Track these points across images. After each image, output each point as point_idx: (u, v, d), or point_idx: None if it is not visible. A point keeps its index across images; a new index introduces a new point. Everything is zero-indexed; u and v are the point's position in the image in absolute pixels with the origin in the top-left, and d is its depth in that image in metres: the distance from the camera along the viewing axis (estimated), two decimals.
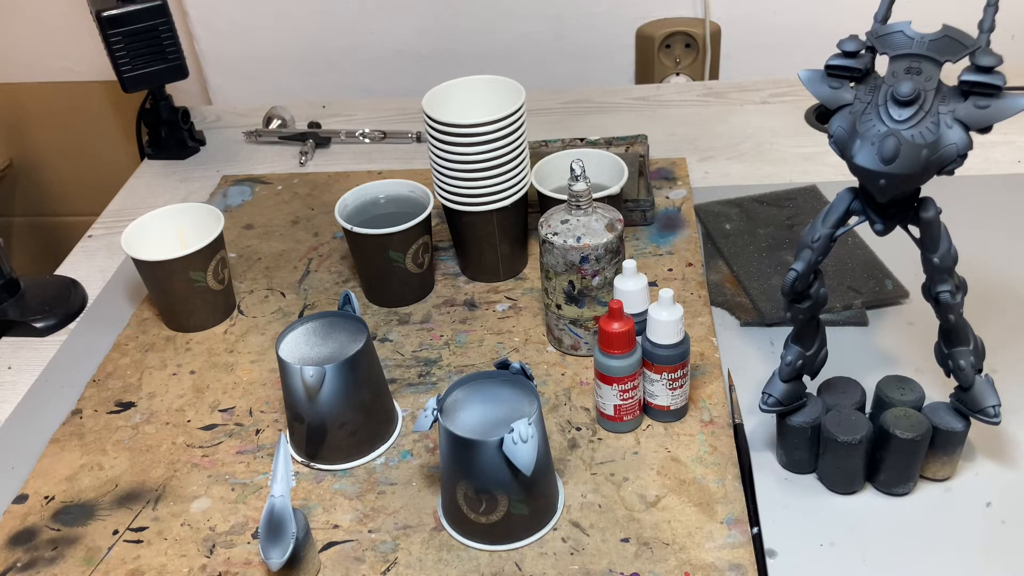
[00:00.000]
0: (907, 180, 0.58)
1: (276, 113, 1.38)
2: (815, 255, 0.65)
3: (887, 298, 0.94)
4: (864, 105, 0.59)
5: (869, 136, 0.58)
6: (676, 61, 1.47)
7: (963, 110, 0.57)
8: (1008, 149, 1.18)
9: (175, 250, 0.95)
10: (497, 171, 0.95)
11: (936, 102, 0.57)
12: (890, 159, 0.57)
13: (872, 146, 0.57)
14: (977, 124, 0.57)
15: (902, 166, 0.57)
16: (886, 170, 0.57)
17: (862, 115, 0.59)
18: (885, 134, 0.57)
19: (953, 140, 0.57)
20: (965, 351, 0.68)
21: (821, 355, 0.73)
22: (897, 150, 0.57)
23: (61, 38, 1.57)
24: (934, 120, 0.57)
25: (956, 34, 0.58)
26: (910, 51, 0.58)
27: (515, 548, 0.74)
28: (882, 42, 0.59)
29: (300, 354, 0.81)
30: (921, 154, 0.56)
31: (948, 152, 0.57)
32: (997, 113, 0.56)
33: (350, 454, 0.82)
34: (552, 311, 0.90)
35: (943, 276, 0.64)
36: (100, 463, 0.85)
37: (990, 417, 0.67)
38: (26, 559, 0.77)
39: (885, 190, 0.59)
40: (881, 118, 0.57)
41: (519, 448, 0.68)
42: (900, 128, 0.57)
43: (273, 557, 0.68)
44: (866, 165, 0.58)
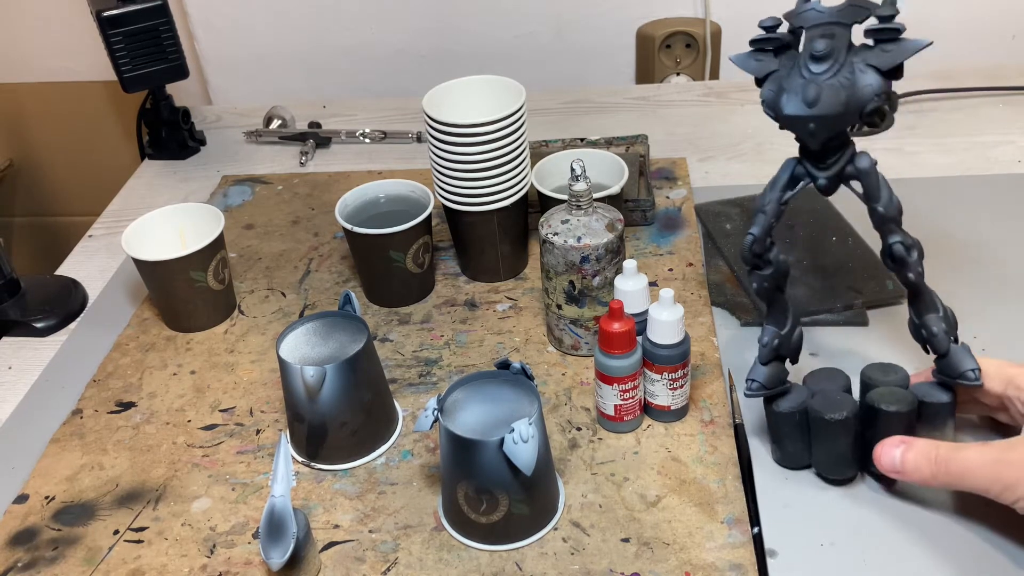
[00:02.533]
0: (833, 121, 0.64)
1: (276, 113, 1.38)
2: (768, 218, 0.70)
3: (888, 298, 0.94)
4: (788, 70, 0.66)
5: (793, 88, 0.65)
6: (676, 61, 1.46)
7: (872, 56, 0.63)
8: (1008, 149, 1.18)
9: (175, 250, 0.95)
10: (497, 171, 0.95)
11: (849, 56, 0.64)
12: (813, 101, 0.63)
13: (796, 95, 0.64)
14: (886, 64, 0.63)
15: (825, 107, 0.63)
16: (811, 112, 0.64)
17: (786, 77, 0.65)
18: (806, 83, 0.64)
19: (868, 82, 0.63)
20: (935, 317, 0.70)
21: (796, 335, 0.75)
22: (819, 94, 0.63)
23: (61, 38, 1.57)
24: (849, 70, 0.63)
25: (860, 1, 0.64)
26: (822, 20, 0.64)
27: (515, 548, 0.74)
28: (798, 19, 0.66)
29: (300, 354, 0.81)
30: (840, 95, 0.63)
31: (865, 92, 0.63)
32: (901, 52, 0.63)
33: (350, 454, 0.82)
34: (552, 311, 0.90)
35: (891, 226, 0.68)
36: (100, 463, 0.85)
37: (970, 380, 0.68)
38: (27, 559, 0.77)
39: (815, 133, 0.65)
40: (802, 74, 0.64)
41: (519, 448, 0.68)
42: (819, 79, 0.64)
43: (274, 557, 0.68)
44: (794, 112, 0.64)
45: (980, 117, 1.25)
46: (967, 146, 1.19)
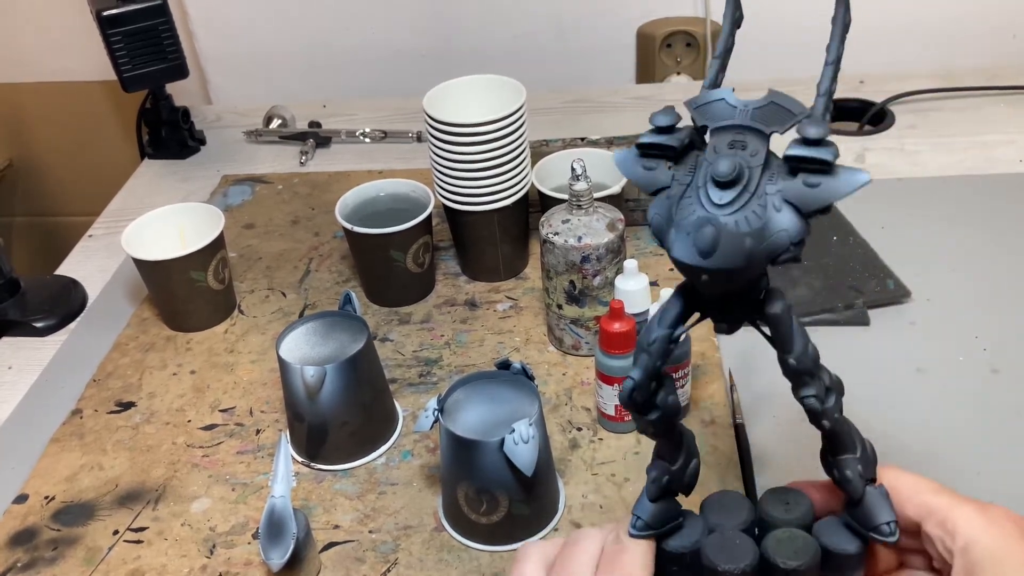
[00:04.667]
0: (732, 275, 0.49)
1: (276, 112, 1.37)
2: (653, 360, 0.56)
3: (889, 298, 0.94)
4: (683, 188, 0.50)
5: (685, 225, 0.49)
6: (677, 60, 1.46)
7: (792, 190, 0.48)
8: (1009, 148, 1.17)
9: (175, 250, 0.95)
10: (498, 171, 0.95)
11: (763, 181, 0.48)
12: (708, 251, 0.48)
13: (688, 236, 0.48)
14: (808, 206, 0.48)
15: (723, 259, 0.48)
16: (705, 264, 0.48)
17: (680, 200, 0.49)
18: (701, 222, 0.48)
19: (783, 226, 0.47)
20: (851, 459, 0.59)
21: (691, 468, 0.62)
22: (716, 240, 0.48)
23: (61, 38, 1.57)
24: (761, 203, 0.48)
25: (784, 100, 0.49)
26: (732, 122, 0.49)
27: (516, 548, 0.73)
28: (701, 112, 0.50)
29: (300, 354, 0.81)
30: (744, 244, 0.47)
31: (778, 240, 0.48)
32: (829, 192, 0.47)
33: (351, 454, 0.82)
34: (553, 311, 0.90)
35: (803, 379, 0.55)
36: (100, 463, 0.85)
37: (885, 536, 0.56)
38: (26, 559, 0.77)
39: (709, 286, 0.50)
40: (701, 202, 0.48)
41: (520, 448, 0.68)
42: (720, 214, 0.48)
43: (273, 557, 0.68)
44: (683, 259, 0.49)
45: (981, 117, 1.25)
46: (968, 146, 1.19)
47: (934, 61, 1.38)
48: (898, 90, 1.29)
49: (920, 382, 0.86)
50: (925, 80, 1.31)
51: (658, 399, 0.58)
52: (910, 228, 1.04)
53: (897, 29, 1.40)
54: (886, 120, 1.26)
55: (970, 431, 0.80)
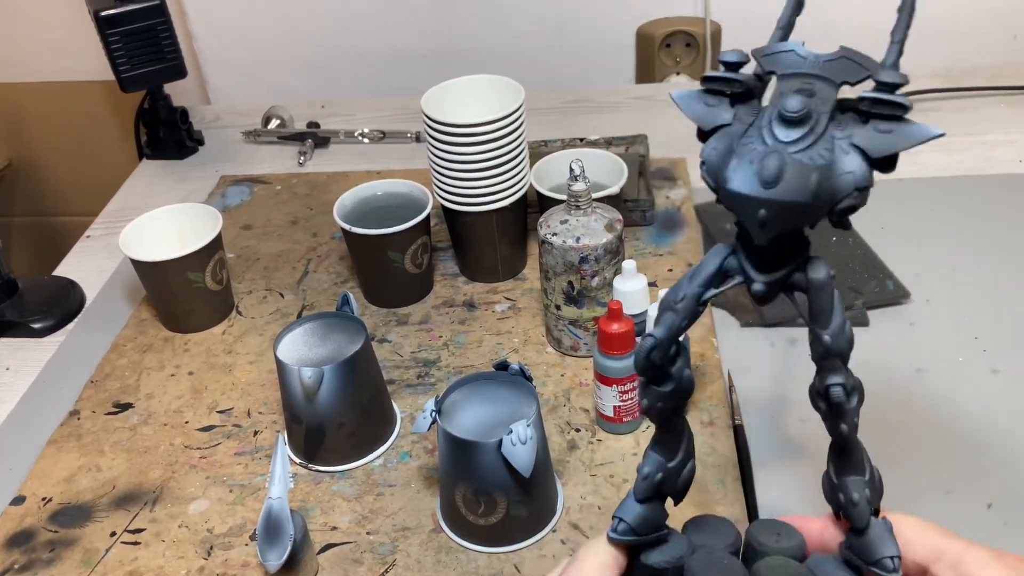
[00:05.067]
0: (794, 213, 0.47)
1: (275, 113, 1.37)
2: (679, 318, 0.52)
3: (888, 298, 0.94)
4: (744, 127, 0.48)
5: (747, 155, 0.47)
6: (677, 60, 1.46)
7: (862, 135, 0.47)
8: (1010, 148, 1.17)
9: (173, 250, 0.95)
10: (496, 171, 0.95)
11: (831, 127, 0.47)
12: (773, 180, 0.46)
13: (751, 165, 0.46)
14: (878, 150, 0.46)
15: (788, 190, 0.46)
16: (767, 195, 0.46)
17: (741, 137, 0.48)
18: (767, 151, 0.46)
19: (850, 168, 0.46)
20: (859, 481, 0.54)
21: (687, 469, 0.58)
22: (781, 169, 0.46)
23: (59, 38, 1.57)
24: (827, 145, 0.46)
25: (857, 56, 0.49)
26: (802, 70, 0.48)
27: (514, 550, 0.73)
28: (769, 61, 0.49)
29: (298, 355, 0.81)
30: (811, 177, 0.46)
31: (844, 181, 0.46)
32: (901, 139, 0.46)
33: (348, 455, 0.82)
34: (551, 312, 0.90)
35: (835, 363, 0.51)
36: (98, 464, 0.85)
37: (887, 571, 0.52)
38: (23, 561, 0.76)
39: (767, 224, 0.47)
40: (764, 139, 0.47)
41: (518, 449, 0.68)
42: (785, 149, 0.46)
43: (271, 559, 0.67)
44: (743, 190, 0.47)
45: (982, 117, 1.24)
46: (968, 146, 1.19)
47: (934, 61, 1.37)
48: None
49: (920, 383, 0.86)
50: (925, 80, 1.30)
51: (674, 368, 0.55)
52: (910, 229, 1.04)
53: None
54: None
55: (970, 432, 0.80)
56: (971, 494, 0.75)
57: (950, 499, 0.75)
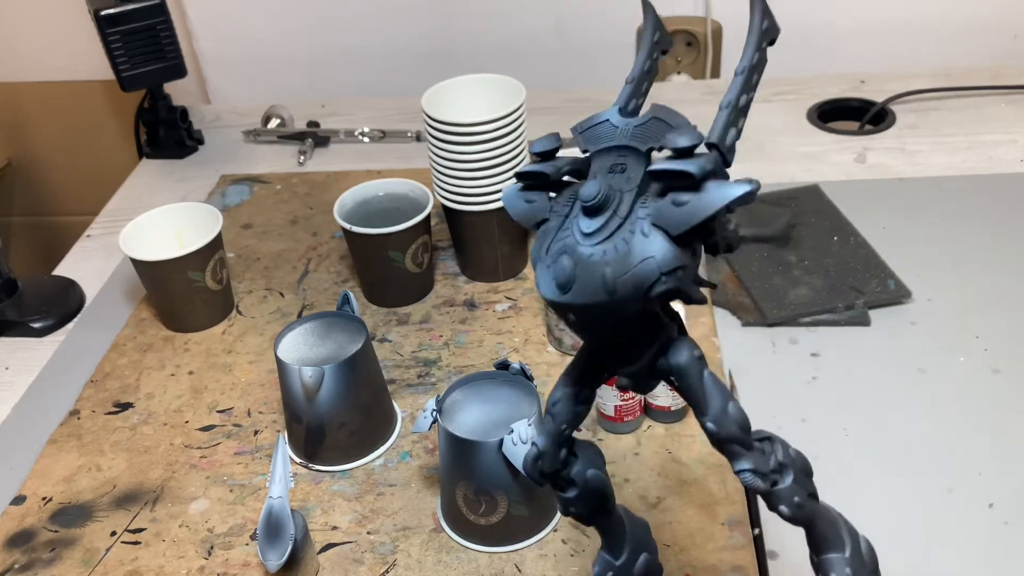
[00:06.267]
0: (600, 313, 0.42)
1: (275, 112, 1.37)
2: (557, 423, 0.49)
3: (889, 298, 0.94)
4: (561, 220, 0.44)
5: (545, 257, 0.44)
6: (677, 60, 1.46)
7: (659, 211, 0.41)
8: (1011, 148, 1.17)
9: (173, 250, 0.94)
10: (497, 170, 0.94)
11: (637, 207, 0.42)
12: (566, 284, 0.42)
13: (548, 269, 0.43)
14: (675, 227, 0.41)
15: (581, 292, 0.42)
16: (565, 300, 0.43)
17: (557, 233, 0.44)
18: (558, 252, 0.43)
19: (650, 252, 0.41)
20: (838, 559, 0.49)
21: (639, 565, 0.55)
22: (573, 272, 0.42)
23: (59, 37, 1.57)
24: (631, 229, 0.42)
25: (667, 114, 0.44)
26: (611, 143, 0.44)
27: (515, 549, 0.73)
28: (585, 137, 0.46)
29: (299, 354, 0.81)
30: (604, 274, 0.41)
31: (645, 268, 0.41)
32: (695, 209, 0.40)
33: (349, 455, 0.82)
34: (552, 311, 0.90)
35: (731, 448, 0.46)
36: (98, 464, 0.85)
37: None
38: (24, 560, 0.76)
39: (582, 327, 0.44)
40: (572, 233, 0.43)
41: (519, 449, 0.68)
42: (587, 243, 0.42)
43: (271, 559, 0.67)
44: (548, 296, 0.43)
45: (982, 116, 1.24)
46: (969, 145, 1.18)
47: (935, 61, 1.37)
48: (899, 90, 1.29)
49: (921, 382, 0.85)
50: (926, 80, 1.30)
51: (574, 472, 0.51)
52: (911, 228, 1.03)
53: (898, 29, 1.39)
54: (887, 120, 1.25)
55: (971, 431, 0.80)
56: (972, 494, 0.75)
57: (951, 498, 0.75)
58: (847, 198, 1.07)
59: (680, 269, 0.41)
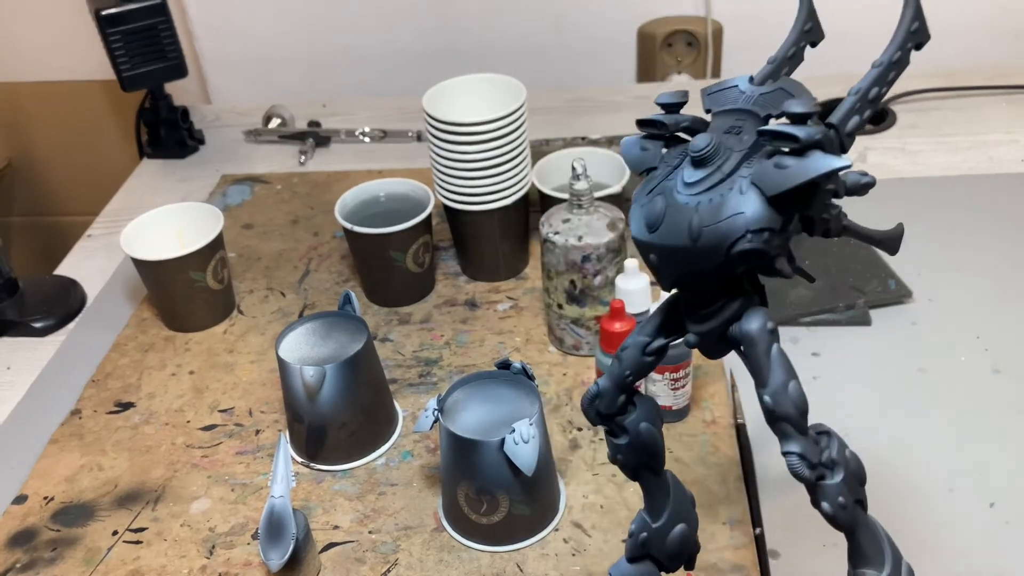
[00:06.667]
0: (678, 257, 0.44)
1: (276, 112, 1.37)
2: (623, 368, 0.50)
3: (890, 298, 0.94)
4: (669, 170, 0.46)
5: (644, 199, 0.46)
6: (678, 60, 1.46)
7: (763, 170, 0.42)
8: (1011, 148, 1.17)
9: (174, 250, 0.95)
10: (498, 170, 0.94)
11: (743, 166, 0.43)
12: (654, 224, 0.44)
13: (641, 209, 0.45)
14: (770, 187, 0.41)
15: (666, 234, 0.44)
16: (650, 239, 0.44)
17: (662, 181, 0.46)
18: (655, 193, 0.45)
19: (740, 208, 0.42)
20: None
21: (675, 533, 0.55)
22: (662, 213, 0.44)
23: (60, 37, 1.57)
24: (730, 185, 0.43)
25: (792, 87, 0.46)
26: (733, 106, 0.46)
27: (516, 549, 0.73)
28: (712, 99, 0.47)
29: (300, 354, 0.81)
30: (690, 220, 0.43)
31: (733, 224, 0.42)
32: (794, 173, 0.41)
33: (350, 454, 0.82)
34: (553, 311, 0.90)
35: (783, 428, 0.45)
36: (99, 464, 0.85)
37: None
38: (25, 560, 0.76)
39: (659, 269, 0.45)
40: (676, 182, 0.45)
41: (520, 448, 0.68)
42: (684, 191, 0.44)
43: (273, 558, 0.67)
44: (636, 235, 0.45)
45: (983, 116, 1.24)
46: (970, 145, 1.19)
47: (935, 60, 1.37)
48: (899, 89, 1.29)
49: (922, 382, 0.86)
50: (926, 79, 1.30)
51: (628, 421, 0.52)
52: (911, 228, 1.02)
53: None
54: (887, 120, 1.25)
55: (971, 431, 0.80)
56: (973, 493, 0.75)
57: (952, 498, 0.75)
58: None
59: (768, 232, 0.42)
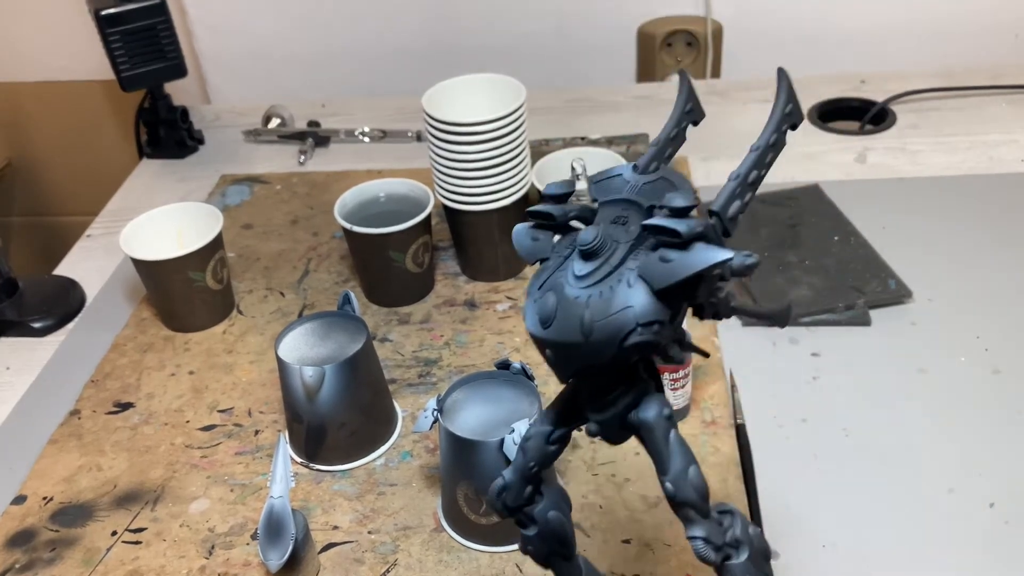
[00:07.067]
0: (575, 353, 0.44)
1: (275, 112, 1.37)
2: (527, 459, 0.50)
3: (890, 298, 0.94)
4: (560, 260, 0.47)
5: (534, 293, 0.46)
6: (678, 60, 1.46)
7: (649, 262, 0.43)
8: (1011, 148, 1.17)
9: (174, 250, 0.94)
10: (497, 170, 0.94)
11: (629, 258, 0.44)
12: (546, 320, 0.45)
13: (534, 304, 0.46)
14: (656, 281, 0.42)
15: (559, 330, 0.44)
16: (544, 335, 0.45)
17: (553, 273, 0.47)
18: (546, 289, 0.45)
19: (630, 302, 0.42)
20: None
21: None
22: (554, 309, 0.44)
23: (59, 37, 1.57)
24: (618, 278, 0.44)
25: (674, 176, 0.47)
26: (618, 196, 0.47)
27: (516, 549, 0.73)
28: (598, 188, 0.48)
29: (299, 354, 0.81)
30: (582, 316, 0.43)
31: (623, 317, 0.42)
32: (678, 267, 0.42)
33: (350, 455, 0.82)
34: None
35: (686, 512, 0.45)
36: (99, 464, 0.85)
37: None
38: (24, 560, 0.76)
39: (556, 365, 0.46)
40: (566, 275, 0.45)
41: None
42: (576, 286, 0.44)
43: (272, 558, 0.67)
44: (530, 330, 0.46)
45: (983, 116, 1.24)
46: (969, 145, 1.19)
47: (935, 60, 1.37)
48: (899, 89, 1.29)
49: (922, 382, 0.85)
50: (926, 79, 1.30)
51: (536, 512, 0.52)
52: (911, 228, 1.03)
53: (898, 29, 1.40)
54: (887, 120, 1.25)
55: (971, 431, 0.80)
56: (973, 493, 0.75)
57: (952, 498, 0.75)
58: (847, 198, 1.07)
59: (657, 324, 0.42)
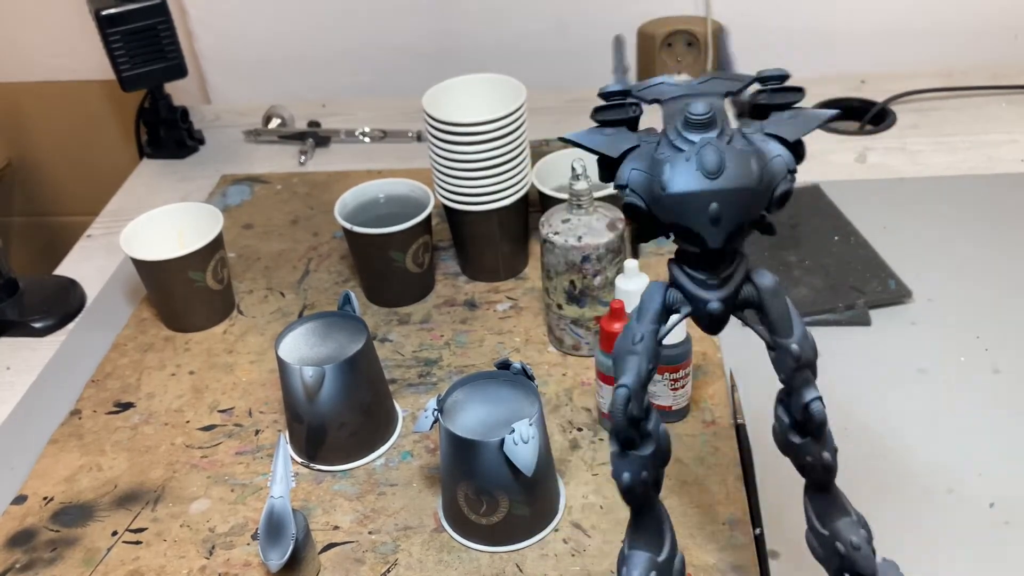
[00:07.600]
0: (743, 201, 0.46)
1: (275, 112, 1.37)
2: (644, 360, 0.49)
3: (890, 298, 0.94)
4: (653, 144, 0.48)
5: (678, 158, 0.46)
6: (678, 60, 1.46)
7: (773, 125, 0.48)
8: (1012, 148, 1.17)
9: (174, 250, 0.95)
10: (498, 170, 0.94)
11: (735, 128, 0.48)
12: (716, 170, 0.45)
13: (688, 162, 0.46)
14: (793, 133, 0.47)
15: (733, 176, 0.45)
16: (714, 186, 0.45)
17: (657, 152, 0.48)
18: (701, 144, 0.46)
19: (778, 152, 0.47)
20: (849, 523, 0.51)
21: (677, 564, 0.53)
22: (722, 159, 0.45)
23: (60, 37, 1.57)
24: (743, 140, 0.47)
25: (725, 74, 0.51)
26: (685, 91, 0.49)
27: (516, 549, 0.73)
28: (649, 92, 0.50)
29: (300, 354, 0.81)
30: (752, 162, 0.46)
31: (777, 164, 0.46)
32: (809, 121, 0.48)
33: (350, 455, 0.82)
34: (553, 311, 0.90)
35: (807, 375, 0.48)
36: (99, 464, 0.85)
37: None
38: (25, 560, 0.76)
39: (720, 219, 0.46)
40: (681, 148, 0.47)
41: (520, 449, 0.68)
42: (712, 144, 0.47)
43: (272, 558, 0.67)
44: (689, 188, 0.46)
45: (983, 116, 1.24)
46: (970, 145, 1.19)
47: (936, 60, 1.37)
48: (899, 89, 1.29)
49: (922, 382, 0.86)
50: (927, 79, 1.30)
51: (651, 425, 0.51)
52: (912, 228, 1.03)
53: (898, 29, 1.39)
54: (887, 120, 1.25)
55: (972, 431, 0.80)
56: (973, 493, 0.75)
57: (952, 498, 0.75)
58: (847, 198, 1.07)
59: (795, 172, 0.47)
